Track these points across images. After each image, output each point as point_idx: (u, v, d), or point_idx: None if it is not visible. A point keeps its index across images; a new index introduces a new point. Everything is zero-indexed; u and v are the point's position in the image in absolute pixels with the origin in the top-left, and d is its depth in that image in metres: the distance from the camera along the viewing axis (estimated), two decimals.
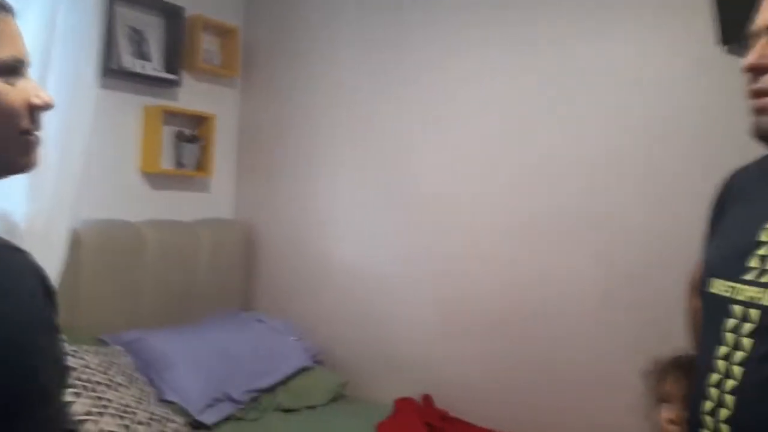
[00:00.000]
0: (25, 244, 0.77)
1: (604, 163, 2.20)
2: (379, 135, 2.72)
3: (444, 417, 2.40)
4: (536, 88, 2.33)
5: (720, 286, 0.95)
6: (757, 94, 0.92)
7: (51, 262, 2.12)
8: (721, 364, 0.91)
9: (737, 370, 0.88)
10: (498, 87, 2.42)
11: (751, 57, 0.93)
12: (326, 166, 2.87)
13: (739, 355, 0.89)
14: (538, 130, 2.33)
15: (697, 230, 1.17)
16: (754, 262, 0.92)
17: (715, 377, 0.91)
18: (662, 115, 2.08)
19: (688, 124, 2.04)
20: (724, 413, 0.89)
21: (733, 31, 1.83)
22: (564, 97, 2.27)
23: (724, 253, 0.98)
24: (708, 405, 0.92)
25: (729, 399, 0.88)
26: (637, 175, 2.14)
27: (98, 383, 1.93)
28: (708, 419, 0.91)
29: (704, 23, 1.94)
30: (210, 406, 2.24)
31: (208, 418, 2.20)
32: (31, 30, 2.03)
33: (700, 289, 1.03)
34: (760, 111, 0.92)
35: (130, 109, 2.68)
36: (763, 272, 0.90)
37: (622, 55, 2.17)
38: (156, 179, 2.80)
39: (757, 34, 0.93)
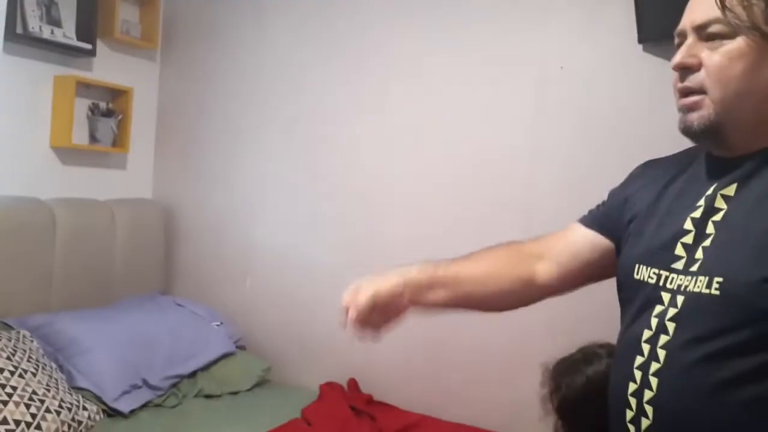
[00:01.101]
0: None
1: (526, 153, 2.21)
2: (309, 115, 2.65)
3: (369, 401, 2.39)
4: (467, 75, 2.32)
5: (646, 273, 0.98)
6: (684, 92, 0.95)
7: None
8: (646, 347, 0.93)
9: (661, 353, 0.91)
10: (428, 73, 2.39)
11: (679, 56, 0.95)
12: (251, 145, 2.78)
13: (663, 339, 0.91)
14: (465, 116, 2.32)
15: None
16: (681, 251, 0.94)
17: (639, 359, 0.94)
18: (583, 107, 2.12)
19: (607, 116, 2.08)
20: (648, 394, 0.91)
21: (651, 30, 1.89)
22: (491, 85, 2.27)
23: (653, 241, 1.00)
24: (633, 387, 0.94)
25: (653, 381, 0.91)
26: (558, 165, 2.17)
27: (1, 370, 1.80)
28: (633, 401, 0.93)
29: (629, 21, 1.98)
30: (126, 392, 2.14)
31: (123, 405, 2.10)
32: None
33: (621, 275, 1.04)
34: (686, 109, 0.94)
35: (40, 78, 2.51)
36: (691, 261, 0.92)
37: (549, 48, 2.18)
38: (68, 155, 2.63)
39: (684, 34, 0.95)
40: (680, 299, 0.91)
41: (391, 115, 2.47)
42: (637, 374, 0.93)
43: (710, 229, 0.92)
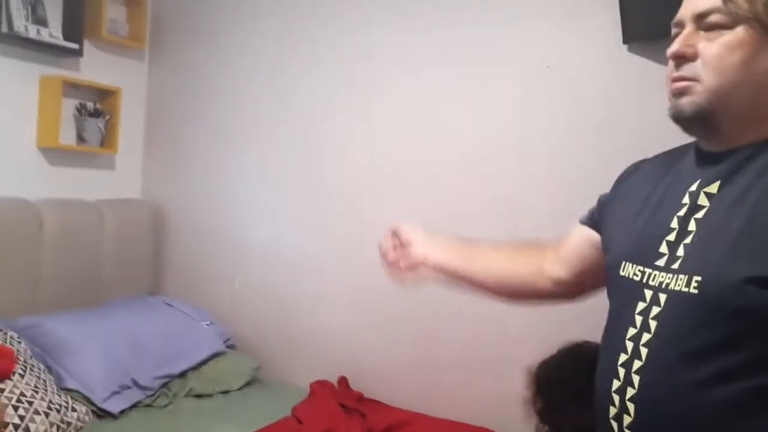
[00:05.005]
0: None
1: (513, 152, 2.22)
2: (293, 113, 2.64)
3: (360, 399, 2.39)
4: (453, 75, 2.31)
5: (631, 270, 0.98)
6: (677, 80, 0.95)
7: None
8: (629, 345, 0.94)
9: (644, 351, 0.91)
10: (413, 69, 2.38)
11: (676, 45, 0.95)
12: (237, 144, 2.78)
13: (645, 336, 0.91)
14: (452, 115, 2.32)
15: None
16: (664, 248, 0.95)
17: (623, 357, 0.94)
18: (569, 105, 2.13)
19: (593, 115, 2.09)
20: (630, 392, 0.92)
21: (635, 30, 1.91)
22: (478, 84, 2.27)
23: (638, 239, 1.00)
24: (616, 384, 0.94)
25: (635, 378, 0.91)
26: (545, 163, 2.18)
27: None
28: (616, 397, 0.94)
29: (613, 21, 1.98)
30: (115, 393, 2.13)
31: (113, 405, 2.10)
32: None
33: (608, 272, 1.05)
34: (677, 94, 0.95)
35: (26, 78, 2.50)
36: (673, 258, 0.93)
37: (534, 44, 2.18)
38: (55, 155, 2.62)
39: (682, 24, 0.95)
40: (662, 297, 0.91)
41: (378, 114, 2.47)
42: (621, 371, 0.94)
43: (692, 226, 0.93)
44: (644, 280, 0.95)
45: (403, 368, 2.41)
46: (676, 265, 0.92)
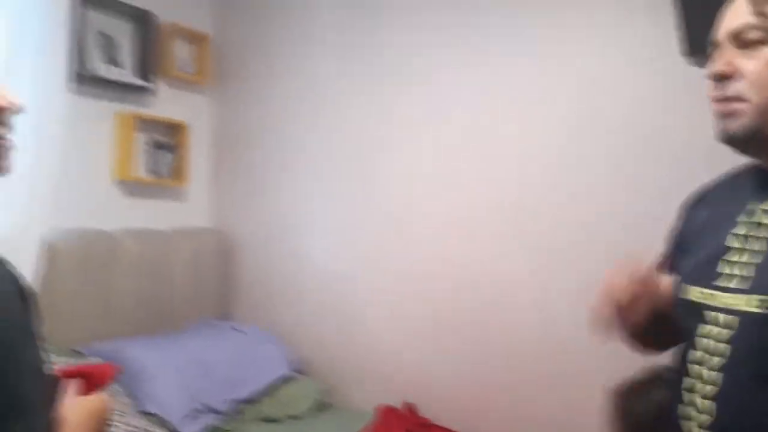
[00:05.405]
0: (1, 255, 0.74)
1: (566, 170, 2.20)
2: (352, 140, 2.70)
3: (426, 425, 2.37)
4: (505, 96, 2.32)
5: (695, 293, 0.96)
6: (720, 100, 0.94)
7: (24, 272, 2.05)
8: (695, 368, 0.92)
9: (715, 375, 0.89)
10: (468, 93, 2.40)
11: (715, 65, 0.94)
12: (300, 172, 2.85)
13: (716, 360, 0.89)
14: (505, 138, 2.33)
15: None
16: (722, 268, 0.93)
17: (689, 382, 0.92)
18: (627, 123, 2.10)
19: (649, 128, 2.05)
20: (704, 419, 0.89)
21: (699, 42, 1.87)
22: (533, 104, 2.27)
23: (697, 260, 0.99)
24: (685, 409, 0.92)
25: (708, 404, 0.89)
26: (599, 180, 2.15)
27: None
28: (686, 424, 0.92)
29: (665, 31, 1.96)
30: (190, 416, 2.20)
31: (188, 429, 2.16)
32: None
33: (674, 296, 1.03)
34: (724, 116, 0.93)
35: (102, 115, 2.64)
36: (731, 278, 0.91)
37: (580, 57, 2.17)
38: (130, 187, 2.75)
39: (721, 42, 0.94)
40: (725, 318, 0.89)
41: (431, 140, 2.50)
42: (687, 396, 0.92)
43: (752, 245, 0.91)
44: (706, 302, 0.93)
45: (471, 394, 2.38)
46: (738, 285, 0.90)
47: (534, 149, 2.27)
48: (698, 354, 0.91)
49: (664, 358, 1.23)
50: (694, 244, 1.02)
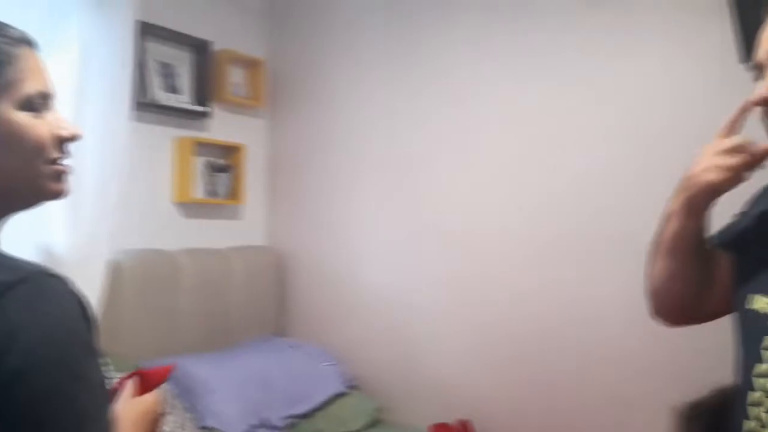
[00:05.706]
0: (65, 275, 0.78)
1: (629, 181, 2.18)
2: (406, 160, 2.74)
3: None
4: (561, 108, 2.33)
5: (761, 303, 0.93)
6: None
7: (90, 291, 2.16)
8: (761, 382, 0.88)
9: None
10: (523, 111, 2.42)
11: (764, 89, 0.91)
12: (354, 191, 2.89)
13: None
14: (562, 150, 2.33)
15: None
16: None
17: (755, 396, 0.89)
18: (685, 132, 2.05)
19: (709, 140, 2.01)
20: None
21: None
22: (588, 115, 2.27)
23: (760, 267, 0.95)
24: (750, 425, 0.89)
25: None
26: (661, 191, 2.10)
27: None
28: None
29: (724, 40, 1.93)
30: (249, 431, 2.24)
31: None
32: (66, 66, 2.10)
33: (737, 305, 0.99)
34: None
35: (163, 140, 2.75)
36: None
37: (643, 72, 2.16)
38: (189, 208, 2.85)
39: (762, 66, 0.92)
40: None
41: (485, 155, 2.51)
42: (753, 411, 0.89)
43: None
44: None
45: (527, 412, 2.37)
46: None
47: (598, 163, 2.26)
48: (764, 367, 0.88)
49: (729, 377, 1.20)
50: (757, 249, 0.98)
